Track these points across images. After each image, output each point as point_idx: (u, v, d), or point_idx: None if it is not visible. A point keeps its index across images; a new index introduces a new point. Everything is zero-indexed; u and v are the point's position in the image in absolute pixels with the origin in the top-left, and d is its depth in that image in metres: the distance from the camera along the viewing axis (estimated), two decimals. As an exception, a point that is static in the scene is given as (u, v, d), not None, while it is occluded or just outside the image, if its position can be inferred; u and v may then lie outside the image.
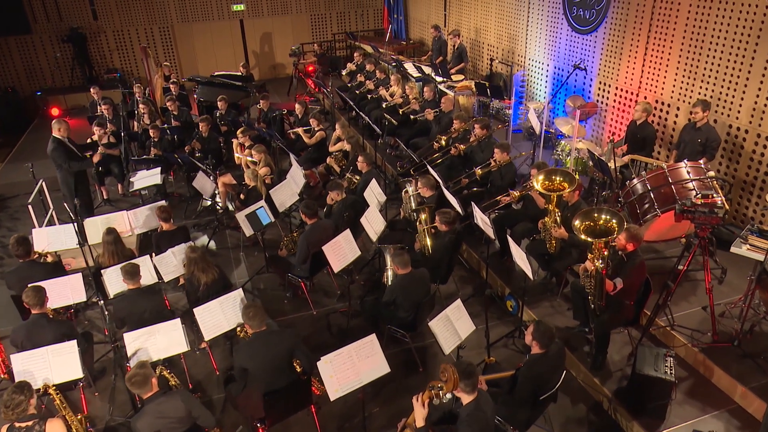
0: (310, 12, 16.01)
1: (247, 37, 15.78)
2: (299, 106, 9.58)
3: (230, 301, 4.99)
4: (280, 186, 7.04)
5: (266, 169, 7.67)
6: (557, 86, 9.44)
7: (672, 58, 7.20)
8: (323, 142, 9.02)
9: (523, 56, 10.28)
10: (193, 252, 5.33)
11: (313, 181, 9.21)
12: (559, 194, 5.58)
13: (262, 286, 6.83)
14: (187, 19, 15.03)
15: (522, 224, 6.47)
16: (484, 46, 11.58)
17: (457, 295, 6.37)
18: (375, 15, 16.53)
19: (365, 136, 10.42)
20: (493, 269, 6.56)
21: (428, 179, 6.50)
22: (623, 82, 8.07)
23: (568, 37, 9.00)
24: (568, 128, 7.74)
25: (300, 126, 9.26)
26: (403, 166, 8.87)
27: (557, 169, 5.69)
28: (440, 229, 5.88)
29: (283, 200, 7.02)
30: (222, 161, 9.25)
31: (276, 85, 15.23)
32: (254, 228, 6.54)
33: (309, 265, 6.08)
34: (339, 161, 8.11)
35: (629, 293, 4.91)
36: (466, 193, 7.51)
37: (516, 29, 10.35)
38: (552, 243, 5.82)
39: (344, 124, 8.51)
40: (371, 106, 10.64)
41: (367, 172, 7.41)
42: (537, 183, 5.67)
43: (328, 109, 12.61)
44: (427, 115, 8.87)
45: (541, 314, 5.86)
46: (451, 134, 8.09)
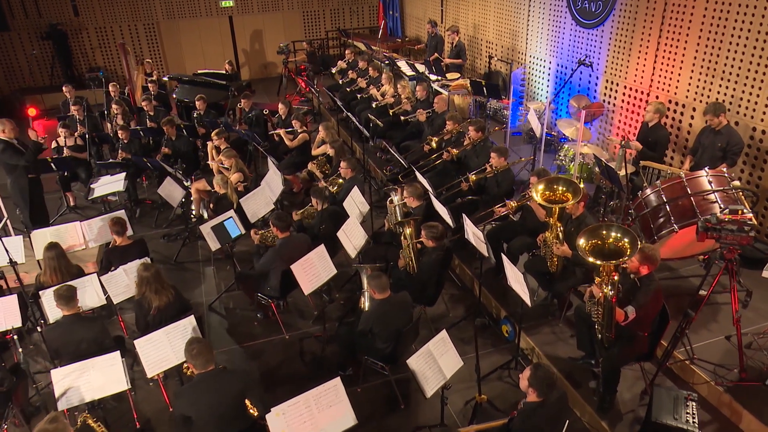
0: (302, 9, 15.35)
1: (237, 34, 15.12)
2: (282, 106, 8.91)
3: (179, 330, 4.31)
4: (253, 194, 6.36)
5: (238, 175, 7.00)
6: (560, 85, 8.75)
7: (688, 53, 6.50)
8: (307, 144, 8.36)
9: (524, 53, 9.59)
10: (145, 270, 4.65)
11: (296, 186, 8.55)
12: (561, 206, 4.89)
13: (232, 305, 6.15)
14: (173, 15, 14.38)
15: (520, 238, 5.79)
16: (483, 43, 10.90)
17: (445, 320, 5.71)
18: (370, 12, 15.86)
19: (355, 138, 9.75)
20: (487, 288, 5.87)
21: (415, 188, 5.82)
22: (632, 80, 7.37)
23: (572, 31, 8.31)
24: (572, 131, 7.05)
25: (283, 127, 8.58)
26: (392, 170, 8.19)
27: (560, 178, 4.99)
28: (427, 245, 5.20)
29: (255, 210, 6.35)
30: (198, 166, 8.58)
31: (266, 85, 14.59)
32: (221, 241, 5.87)
33: (279, 284, 5.40)
34: (321, 166, 7.43)
35: (643, 324, 4.22)
36: (459, 202, 6.83)
37: (516, 24, 9.67)
38: (553, 261, 5.13)
39: (328, 126, 7.84)
40: (362, 106, 9.98)
41: (350, 178, 6.73)
42: (537, 193, 4.98)
43: (318, 110, 11.94)
44: (419, 116, 8.19)
45: (541, 341, 5.16)
46: (443, 136, 7.41)
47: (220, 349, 5.52)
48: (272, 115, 9.66)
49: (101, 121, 9.56)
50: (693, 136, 6.57)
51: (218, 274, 6.71)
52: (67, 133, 8.25)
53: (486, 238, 5.24)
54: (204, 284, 6.56)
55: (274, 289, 5.46)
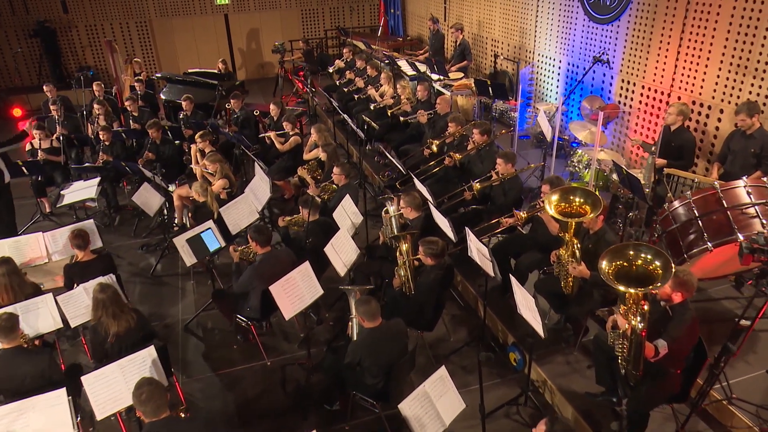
0: (300, 7, 14.81)
1: (233, 33, 14.59)
2: (274, 106, 8.34)
3: (136, 363, 3.72)
4: (234, 203, 5.78)
5: (223, 181, 6.43)
6: (571, 85, 8.16)
7: (715, 49, 5.89)
8: (299, 148, 7.78)
9: (532, 51, 9.00)
10: (101, 292, 4.07)
11: (288, 193, 7.98)
12: (578, 221, 4.29)
13: (210, 325, 5.58)
14: (166, 13, 13.86)
15: (529, 254, 5.19)
16: (488, 41, 10.31)
17: (445, 345, 5.10)
18: (371, 10, 15.31)
19: (352, 141, 9.18)
20: (493, 309, 5.27)
21: (413, 197, 5.23)
22: (651, 79, 6.77)
23: (584, 27, 7.71)
24: (585, 134, 6.46)
25: (274, 129, 8.00)
26: (390, 176, 7.61)
27: (576, 188, 4.39)
28: (425, 262, 4.61)
29: (237, 220, 5.76)
30: (183, 170, 8.01)
31: (263, 86, 14.04)
32: (198, 255, 5.29)
33: (260, 305, 4.82)
34: (312, 171, 6.85)
35: (676, 360, 3.62)
36: (461, 212, 6.25)
37: (524, 21, 9.08)
38: (568, 281, 4.53)
39: (321, 128, 7.27)
40: (359, 107, 9.41)
41: (343, 186, 6.16)
42: (550, 205, 4.39)
43: (314, 112, 11.37)
44: (420, 117, 7.61)
45: (554, 373, 4.56)
46: (444, 140, 6.82)
47: (194, 376, 4.95)
48: (264, 116, 9.09)
49: (83, 122, 9.01)
50: (720, 140, 5.97)
51: (198, 290, 6.13)
52: (42, 134, 7.72)
53: (491, 254, 4.65)
54: (182, 301, 5.99)
55: (254, 310, 4.88)
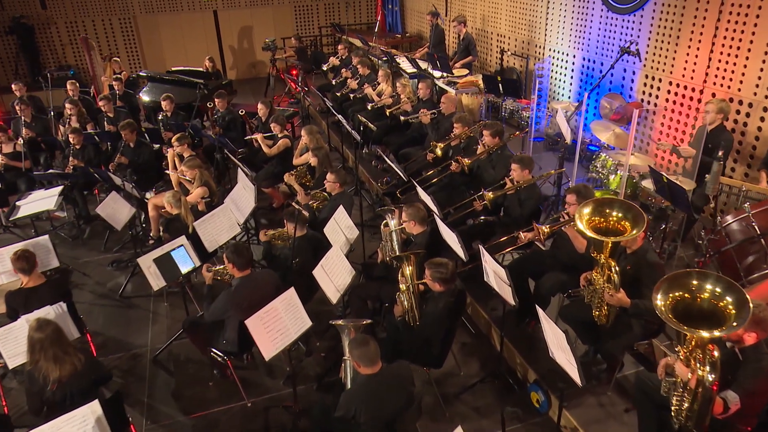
0: (293, 3, 14.10)
1: (222, 31, 13.87)
2: (262, 106, 7.62)
3: (75, 423, 2.98)
4: (211, 215, 5.05)
5: (202, 190, 5.70)
6: (587, 82, 7.47)
7: (758, 39, 5.20)
8: (289, 152, 7.06)
9: (542, 47, 8.30)
10: (39, 330, 3.34)
11: (277, 202, 7.26)
12: (616, 240, 3.58)
13: (183, 356, 4.84)
14: (151, 9, 13.14)
15: (552, 275, 4.47)
16: (493, 36, 9.61)
17: (454, 380, 4.37)
18: (368, 6, 14.61)
19: (347, 144, 8.47)
20: (509, 337, 4.55)
21: (416, 209, 4.52)
22: (680, 74, 6.08)
23: (602, 18, 7.02)
24: (609, 136, 5.75)
25: (262, 131, 7.28)
26: (389, 182, 6.89)
27: (614, 200, 3.69)
28: (432, 288, 3.89)
29: (215, 235, 5.04)
30: (161, 177, 7.28)
31: (254, 86, 13.33)
32: (167, 277, 4.56)
33: (237, 337, 4.09)
34: (301, 177, 6.13)
35: (748, 416, 2.91)
36: (470, 224, 5.54)
37: (534, 14, 8.38)
38: (603, 311, 3.81)
39: (312, 130, 6.56)
40: (356, 107, 8.69)
41: (337, 195, 5.44)
42: (582, 220, 3.68)
43: (307, 113, 10.66)
44: (422, 117, 6.89)
45: (585, 419, 3.85)
46: (449, 142, 6.11)
47: (161, 421, 4.22)
48: (251, 117, 8.38)
49: (54, 124, 8.29)
50: (763, 143, 5.28)
51: (172, 314, 5.40)
52: (5, 138, 6.98)
53: (510, 277, 3.93)
54: (153, 327, 5.25)
55: (230, 343, 4.15)
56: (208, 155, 7.73)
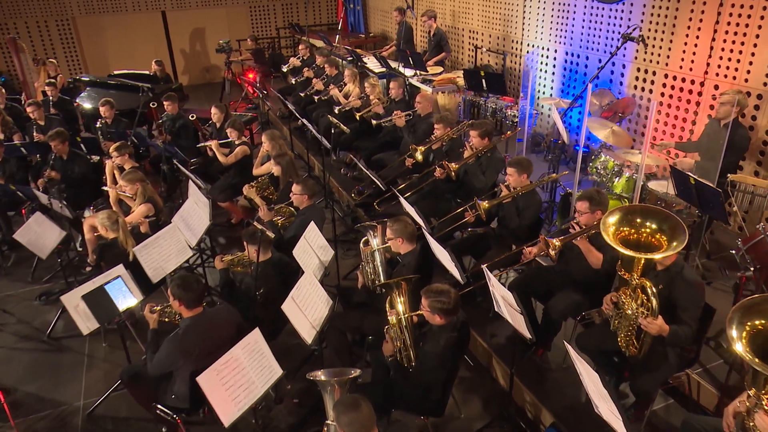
0: (249, 3, 13.26)
1: (172, 33, 12.90)
2: (216, 110, 6.79)
3: None
4: (155, 238, 4.22)
5: (145, 207, 4.86)
6: (571, 78, 6.95)
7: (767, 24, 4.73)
8: (248, 160, 6.26)
9: (519, 42, 7.76)
10: None
11: (235, 217, 6.45)
12: (650, 257, 2.96)
13: (124, 411, 3.98)
14: (93, 10, 12.07)
15: (563, 295, 3.85)
16: (465, 33, 9.04)
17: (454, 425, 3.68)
18: (328, 6, 13.90)
19: (313, 151, 7.71)
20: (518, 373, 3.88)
21: (404, 224, 3.81)
22: (677, 66, 5.59)
23: (587, 9, 6.50)
24: (607, 134, 5.20)
25: (217, 138, 6.45)
26: (361, 192, 6.18)
27: (648, 209, 3.07)
28: (431, 321, 3.18)
29: (160, 262, 4.21)
30: (100, 193, 6.34)
31: (209, 91, 12.40)
32: (101, 317, 3.71)
33: (189, 391, 3.28)
34: (263, 189, 5.36)
35: None
36: (460, 237, 4.88)
37: (509, 8, 7.84)
38: (632, 339, 3.18)
39: (274, 136, 5.79)
40: (321, 111, 7.96)
41: (306, 209, 4.69)
42: (607, 232, 3.05)
43: (267, 118, 9.86)
44: (396, 120, 6.21)
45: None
46: (430, 145, 5.45)
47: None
48: (203, 123, 7.53)
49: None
50: (776, 137, 4.81)
51: (112, 356, 4.52)
52: None
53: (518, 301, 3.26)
54: (88, 374, 4.37)
55: (181, 398, 3.33)
56: (154, 167, 6.85)
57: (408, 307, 3.30)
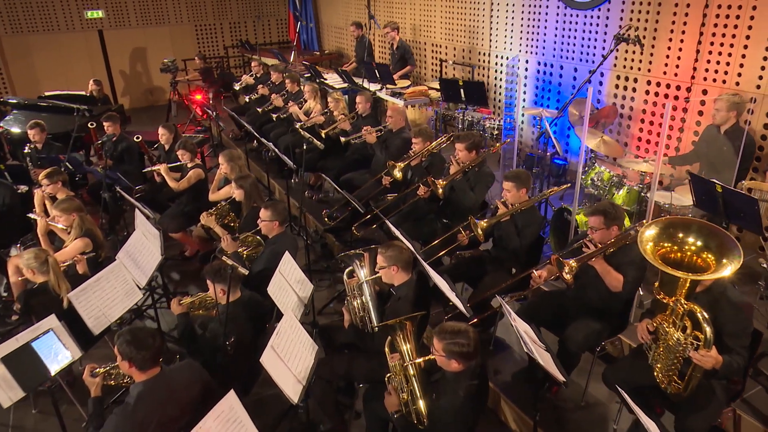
0: (194, 22, 12.56)
1: (111, 53, 12.02)
2: (164, 131, 6.10)
3: None
4: (95, 280, 3.50)
5: (82, 243, 4.12)
6: (545, 89, 6.66)
7: (759, 25, 4.53)
8: (202, 185, 5.58)
9: (487, 54, 7.45)
10: None
11: (190, 249, 5.74)
12: (697, 279, 2.54)
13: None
14: (20, 30, 11.08)
15: (581, 324, 3.39)
16: (427, 46, 8.70)
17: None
18: (279, 25, 13.37)
19: (272, 174, 7.08)
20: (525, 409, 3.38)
21: (398, 250, 3.26)
22: (661, 72, 5.36)
23: (559, 17, 6.25)
24: (597, 143, 4.87)
25: (166, 162, 5.74)
26: (333, 216, 5.60)
27: (691, 221, 2.65)
28: (446, 368, 2.63)
29: (103, 308, 3.49)
30: (29, 229, 5.51)
31: (153, 115, 11.55)
32: (27, 384, 2.97)
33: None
34: (223, 217, 4.71)
35: None
36: (450, 263, 4.39)
37: (474, 19, 7.54)
38: (673, 375, 2.74)
39: (232, 156, 5.16)
40: (280, 130, 7.39)
41: (277, 237, 4.07)
42: (647, 248, 2.61)
43: (219, 141, 9.17)
44: (367, 136, 5.70)
45: None
46: (409, 161, 4.96)
47: None
48: (151, 146, 6.80)
49: None
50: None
51: (43, 425, 3.72)
52: None
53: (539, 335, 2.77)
54: (12, 450, 3.56)
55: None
56: (93, 196, 6.07)
57: (415, 351, 2.75)
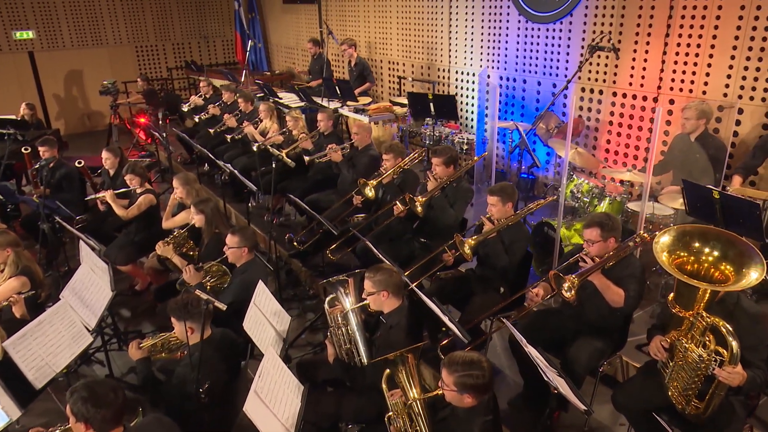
0: (134, 43, 11.97)
1: (43, 76, 11.25)
2: (109, 155, 5.60)
3: None
4: (37, 324, 3.02)
5: (17, 282, 3.60)
6: (508, 103, 6.59)
7: (723, 33, 4.58)
8: (154, 212, 5.11)
9: (447, 70, 7.35)
10: None
11: (141, 283, 5.22)
12: (723, 290, 2.38)
13: None
14: (-61, 51, 10.23)
15: (584, 343, 3.19)
16: (384, 64, 8.54)
17: None
18: (225, 46, 12.95)
19: (228, 199, 6.65)
20: None
21: (388, 274, 2.97)
22: (626, 83, 5.36)
23: (521, 31, 6.21)
24: (572, 154, 4.77)
25: (111, 188, 5.23)
26: (301, 242, 5.24)
27: (708, 230, 2.50)
28: (457, 404, 2.34)
29: (46, 356, 3.00)
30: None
31: (92, 141, 10.85)
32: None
33: None
34: (180, 246, 4.27)
35: None
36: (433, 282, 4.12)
37: (432, 35, 7.44)
38: (692, 396, 2.55)
39: (188, 180, 4.75)
40: (234, 152, 6.99)
41: (246, 265, 3.69)
42: (664, 258, 2.44)
43: (168, 165, 8.62)
44: (332, 154, 5.41)
45: None
46: (381, 179, 4.69)
47: None
48: (93, 172, 6.26)
49: None
50: (741, 148, 4.61)
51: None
52: None
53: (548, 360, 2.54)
54: None
55: None
56: (29, 228, 5.48)
57: (418, 387, 2.45)
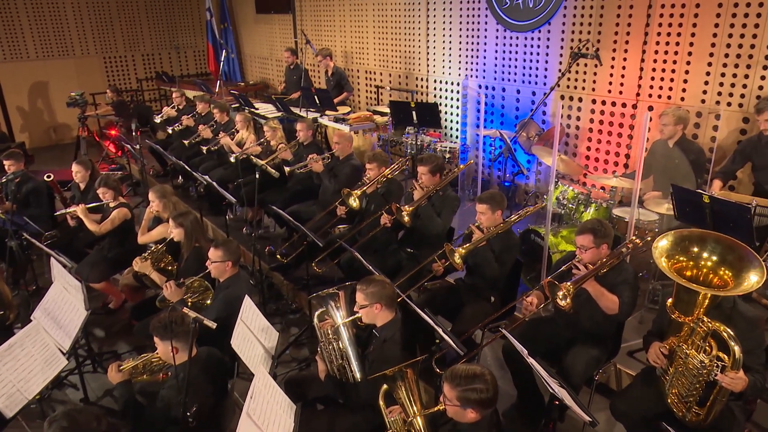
0: (102, 54, 11.68)
1: (5, 88, 10.87)
2: (79, 168, 5.39)
3: None
4: (6, 348, 2.82)
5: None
6: (488, 111, 6.59)
7: (700, 40, 4.65)
8: (128, 226, 4.92)
9: (425, 79, 7.33)
10: None
11: (115, 301, 5.02)
12: (716, 293, 2.36)
13: None
14: None
15: (580, 352, 3.16)
16: (360, 74, 8.48)
17: None
18: (197, 57, 12.74)
19: (204, 212, 6.47)
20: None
21: (381, 286, 2.87)
22: (605, 90, 5.41)
23: (499, 39, 6.23)
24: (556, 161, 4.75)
25: (82, 202, 5.02)
26: (283, 254, 5.11)
27: (707, 234, 2.48)
28: (459, 419, 2.25)
29: (16, 383, 2.80)
30: None
31: (58, 155, 10.53)
32: None
33: None
34: (158, 261, 4.11)
35: None
36: (421, 293, 4.05)
37: (410, 44, 7.42)
38: (693, 403, 2.52)
39: (165, 192, 4.58)
40: (209, 164, 6.84)
41: (230, 280, 3.55)
42: (664, 263, 2.41)
43: (142, 179, 8.38)
44: (313, 165, 5.31)
45: None
46: (365, 189, 4.61)
47: None
48: (63, 186, 6.02)
49: None
50: (720, 153, 4.67)
51: None
52: None
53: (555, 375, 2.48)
54: None
55: None
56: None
57: (418, 402, 2.35)
